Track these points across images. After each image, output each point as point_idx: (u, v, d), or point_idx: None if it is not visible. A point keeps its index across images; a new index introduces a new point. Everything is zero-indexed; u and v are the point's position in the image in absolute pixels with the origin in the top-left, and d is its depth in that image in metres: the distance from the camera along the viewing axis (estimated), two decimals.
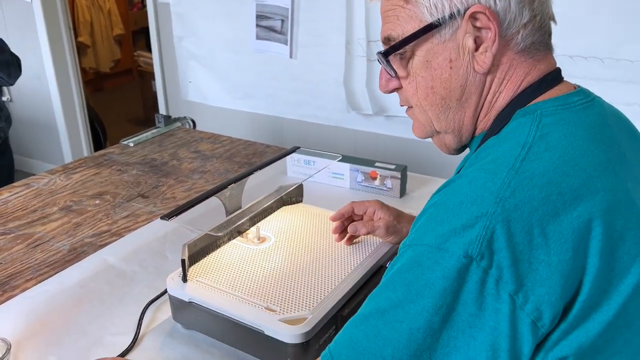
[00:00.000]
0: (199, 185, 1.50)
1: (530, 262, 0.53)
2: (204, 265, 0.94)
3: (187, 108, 2.71)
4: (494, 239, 0.52)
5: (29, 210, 1.36)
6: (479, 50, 0.64)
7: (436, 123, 0.71)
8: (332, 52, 2.12)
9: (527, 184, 0.55)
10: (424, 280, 0.55)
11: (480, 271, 0.52)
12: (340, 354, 0.59)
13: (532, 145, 0.58)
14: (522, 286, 0.52)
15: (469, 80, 0.66)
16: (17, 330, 0.93)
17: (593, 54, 1.67)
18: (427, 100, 0.69)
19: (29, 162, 3.60)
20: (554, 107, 0.63)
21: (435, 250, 0.55)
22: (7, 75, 1.87)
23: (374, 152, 2.23)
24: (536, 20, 0.64)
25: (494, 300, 0.53)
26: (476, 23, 0.63)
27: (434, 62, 0.66)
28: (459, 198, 0.57)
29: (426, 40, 0.65)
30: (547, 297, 0.53)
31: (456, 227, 0.54)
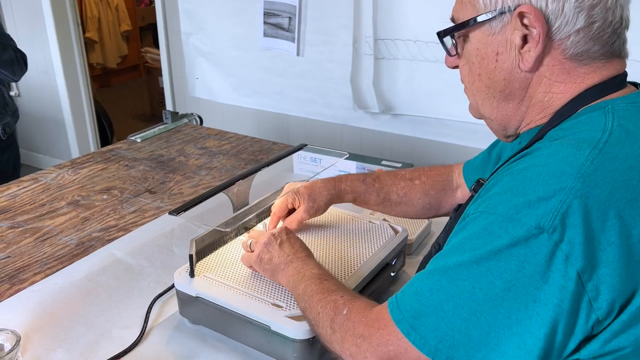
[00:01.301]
0: (206, 182, 1.50)
1: (600, 242, 0.53)
2: (211, 261, 0.95)
3: (194, 104, 2.72)
4: (569, 213, 0.53)
5: (37, 204, 1.37)
6: (525, 49, 0.64)
7: (481, 108, 0.74)
8: (339, 50, 2.12)
9: (610, 165, 0.55)
10: (492, 246, 0.55)
11: (552, 244, 0.53)
12: (405, 303, 0.62)
13: (613, 131, 0.59)
14: (589, 264, 0.53)
15: (512, 76, 0.67)
16: (25, 322, 0.94)
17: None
18: (474, 86, 0.72)
19: (36, 156, 3.62)
20: (625, 104, 0.63)
21: (507, 221, 0.55)
22: (11, 73, 1.88)
23: (380, 151, 2.23)
24: (593, 27, 0.62)
25: (560, 276, 0.53)
26: (524, 21, 0.63)
27: (483, 51, 0.68)
28: (538, 170, 0.57)
29: (478, 28, 0.67)
30: (608, 279, 0.53)
31: (531, 199, 0.55)
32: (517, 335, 0.55)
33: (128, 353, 0.88)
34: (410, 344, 0.59)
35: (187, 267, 0.91)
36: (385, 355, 0.62)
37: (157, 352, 0.89)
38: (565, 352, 0.56)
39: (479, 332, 0.56)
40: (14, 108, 2.01)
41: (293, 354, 0.81)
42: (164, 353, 0.88)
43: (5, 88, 1.97)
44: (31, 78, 3.28)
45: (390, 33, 1.97)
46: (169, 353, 0.88)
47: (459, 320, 0.56)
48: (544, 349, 0.54)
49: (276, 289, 0.88)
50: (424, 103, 2.00)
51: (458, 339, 0.57)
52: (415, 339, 0.59)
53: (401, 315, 0.61)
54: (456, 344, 0.57)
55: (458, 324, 0.56)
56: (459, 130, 1.97)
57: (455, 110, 1.89)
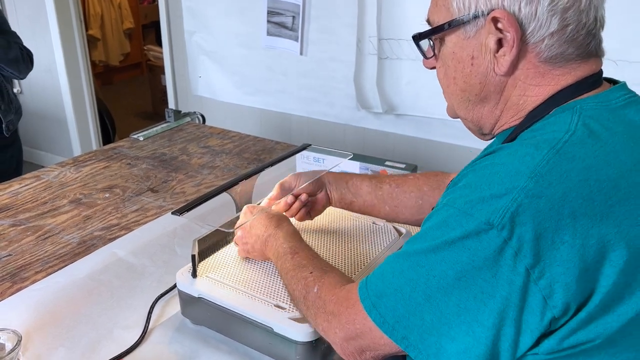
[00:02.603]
0: (209, 181, 1.50)
1: (554, 241, 0.54)
2: (213, 261, 0.94)
3: (197, 103, 2.71)
4: (519, 212, 0.54)
5: (39, 202, 1.37)
6: (499, 53, 0.64)
7: (457, 110, 0.74)
8: (342, 49, 2.12)
9: (566, 165, 0.56)
10: (446, 237, 0.58)
11: (500, 240, 0.54)
12: (372, 283, 0.66)
13: (576, 131, 0.59)
14: (539, 262, 0.54)
15: (488, 79, 0.67)
16: (26, 321, 0.94)
17: (606, 56, 1.65)
18: (450, 89, 0.72)
19: (38, 154, 3.62)
20: (594, 104, 0.63)
21: (462, 214, 0.58)
22: (16, 71, 1.88)
23: (383, 151, 2.22)
24: (567, 30, 0.62)
25: (509, 271, 0.55)
26: (498, 25, 0.63)
27: (459, 54, 0.68)
28: (497, 168, 0.59)
29: (453, 32, 0.67)
30: (562, 277, 0.54)
31: (485, 196, 0.57)
32: (466, 324, 0.57)
33: (130, 353, 0.88)
34: (373, 322, 0.63)
35: (190, 268, 0.91)
36: (353, 333, 0.67)
37: (159, 352, 0.88)
38: (522, 347, 0.57)
39: (431, 317, 0.59)
40: (17, 105, 2.01)
41: (296, 356, 0.81)
42: (165, 353, 0.88)
43: (9, 85, 1.96)
44: (34, 75, 3.26)
45: (394, 33, 1.97)
46: (170, 354, 0.88)
47: (414, 303, 0.60)
48: (492, 339, 0.57)
49: (279, 290, 0.87)
50: (428, 103, 1.99)
51: (413, 321, 0.60)
52: (376, 317, 0.63)
53: (366, 294, 0.65)
54: (411, 326, 0.60)
55: (413, 307, 0.60)
56: (462, 131, 1.94)
57: None
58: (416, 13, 1.90)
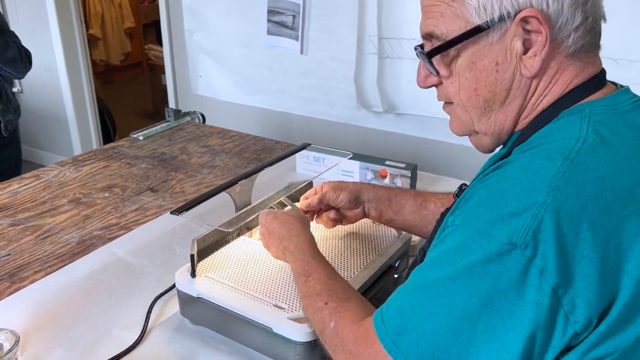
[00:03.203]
0: (208, 180, 1.50)
1: (574, 255, 0.52)
2: (212, 261, 0.94)
3: (197, 102, 2.71)
4: (541, 229, 0.52)
5: (38, 201, 1.36)
6: (528, 54, 0.62)
7: (477, 124, 0.69)
8: (343, 48, 2.11)
9: (582, 176, 0.54)
10: (467, 262, 0.55)
11: (525, 259, 0.52)
12: (389, 318, 0.61)
13: (587, 139, 0.57)
14: (564, 279, 0.52)
15: (514, 84, 0.64)
16: (25, 321, 0.94)
17: (607, 55, 1.65)
18: (470, 102, 0.67)
19: (38, 153, 3.62)
20: (602, 107, 0.62)
21: (481, 236, 0.55)
22: (14, 71, 1.87)
23: (384, 150, 2.22)
24: (588, 22, 0.61)
25: (535, 292, 0.53)
26: (527, 26, 0.60)
27: (480, 64, 0.64)
28: (510, 183, 0.56)
29: (472, 41, 0.63)
30: (584, 292, 0.53)
31: (504, 214, 0.54)
32: (495, 351, 0.54)
33: (128, 353, 0.87)
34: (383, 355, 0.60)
35: (189, 267, 0.90)
36: None
37: (158, 352, 0.88)
38: None
39: (457, 349, 0.55)
40: (16, 105, 2.01)
41: (295, 356, 0.80)
42: (164, 353, 0.88)
43: (8, 85, 1.96)
44: (34, 75, 3.26)
45: (394, 32, 1.96)
46: (169, 353, 0.87)
47: (438, 337, 0.56)
48: None
49: (278, 290, 0.87)
50: (428, 103, 1.98)
51: (438, 355, 0.56)
52: (397, 355, 0.59)
53: (385, 331, 0.61)
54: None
55: (437, 341, 0.56)
56: None
57: None
58: (417, 12, 1.89)
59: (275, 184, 1.13)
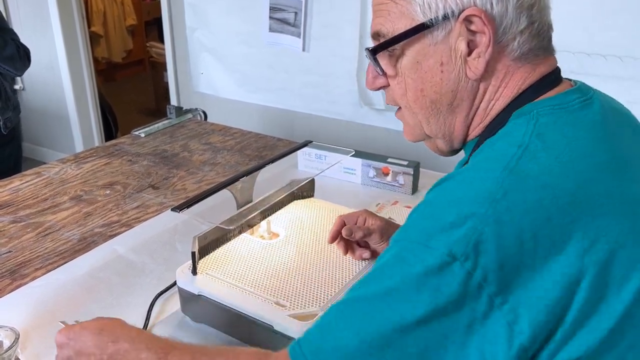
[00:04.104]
0: (210, 178, 1.49)
1: (517, 266, 0.50)
2: (214, 258, 0.94)
3: (198, 99, 2.71)
4: (482, 240, 0.50)
5: (39, 198, 1.36)
6: (472, 56, 0.61)
7: (426, 127, 0.69)
8: (345, 45, 2.11)
9: (521, 186, 0.52)
10: (404, 276, 0.52)
11: (464, 272, 0.50)
12: (308, 338, 0.57)
13: (529, 145, 0.56)
14: (504, 289, 0.50)
15: (460, 86, 0.63)
16: (26, 319, 0.93)
17: (612, 52, 1.64)
18: (417, 103, 0.67)
19: (40, 150, 3.62)
20: (551, 107, 0.60)
21: (420, 247, 0.52)
22: (13, 68, 1.87)
23: (386, 148, 2.21)
24: (534, 27, 0.61)
25: (473, 300, 0.50)
26: (471, 26, 0.60)
27: (425, 63, 0.63)
28: (450, 196, 0.55)
29: (417, 40, 0.62)
30: (526, 300, 0.50)
31: (444, 225, 0.52)
32: None
33: None
34: None
35: (190, 265, 0.90)
36: None
37: None
38: None
39: None
40: (15, 103, 2.00)
41: None
42: None
43: (7, 83, 1.96)
44: (36, 72, 3.28)
45: None
46: None
47: (365, 355, 0.52)
48: None
49: (280, 287, 0.86)
50: None
51: None
52: None
53: (299, 352, 0.56)
54: None
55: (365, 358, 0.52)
56: None
57: None
58: None
59: (277, 181, 1.13)
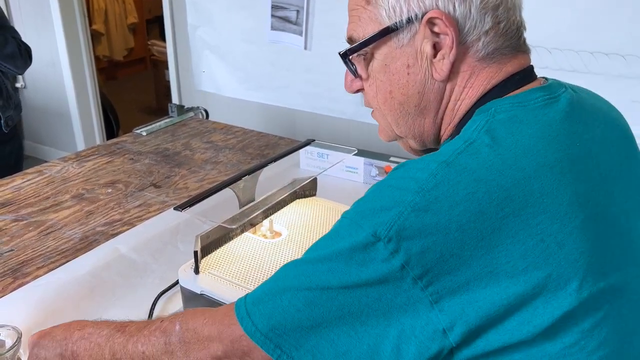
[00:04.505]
0: (212, 176, 1.49)
1: (442, 253, 0.52)
2: (216, 258, 0.93)
3: (200, 98, 2.70)
4: (406, 226, 0.52)
5: (41, 197, 1.36)
6: (437, 57, 0.62)
7: (395, 128, 0.71)
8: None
9: (454, 178, 0.53)
10: (335, 248, 0.56)
11: (387, 252, 0.53)
12: (252, 294, 0.61)
13: (475, 141, 0.57)
14: (427, 272, 0.52)
15: (427, 87, 0.65)
16: (28, 318, 0.93)
17: (614, 51, 1.63)
18: (386, 105, 0.69)
19: (41, 148, 3.62)
20: (510, 105, 0.61)
21: (353, 225, 0.56)
22: (14, 66, 1.87)
23: (387, 147, 2.20)
24: (500, 27, 0.62)
25: (397, 280, 0.53)
26: (434, 28, 0.61)
27: (392, 66, 0.65)
28: (390, 182, 0.58)
29: (384, 43, 0.64)
30: (449, 285, 0.52)
31: (375, 207, 0.55)
32: (349, 325, 0.55)
33: None
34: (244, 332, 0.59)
35: (192, 264, 0.90)
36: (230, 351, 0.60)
37: None
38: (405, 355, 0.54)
39: (311, 324, 0.56)
40: (17, 101, 2.00)
41: None
42: None
43: (8, 81, 1.95)
44: (37, 70, 3.27)
45: None
46: None
47: (294, 310, 0.57)
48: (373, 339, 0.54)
49: None
50: None
51: (291, 329, 0.57)
52: (248, 325, 0.58)
53: (243, 304, 0.60)
54: (287, 333, 0.57)
55: (292, 314, 0.57)
56: None
57: None
58: None
59: (279, 180, 1.13)
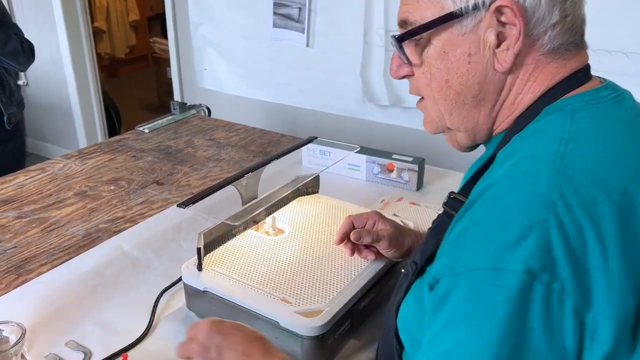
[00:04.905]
0: (214, 174, 1.49)
1: (587, 269, 0.48)
2: (219, 255, 0.94)
3: (202, 95, 2.70)
4: (551, 248, 0.47)
5: (44, 194, 1.36)
6: (501, 48, 0.60)
7: (448, 119, 0.67)
8: (349, 41, 2.10)
9: (573, 184, 0.50)
10: (485, 309, 0.48)
11: (543, 287, 0.47)
12: None
13: (570, 141, 0.55)
14: (583, 296, 0.47)
15: (487, 78, 0.62)
16: (31, 315, 0.93)
17: (617, 49, 1.63)
18: (441, 94, 0.65)
19: (44, 146, 3.62)
20: (584, 102, 0.59)
21: (493, 273, 0.48)
22: (16, 63, 1.87)
23: (390, 144, 2.20)
24: (566, 21, 0.60)
25: (559, 317, 0.47)
26: (501, 17, 0.59)
27: (452, 54, 0.62)
28: (503, 209, 0.51)
29: (445, 29, 0.61)
30: (604, 307, 0.47)
31: (509, 242, 0.49)
32: None
33: (134, 347, 0.87)
34: None
35: (195, 261, 0.90)
36: None
37: (164, 345, 0.87)
38: None
39: None
40: (19, 98, 2.00)
41: (302, 350, 0.80)
42: (170, 346, 0.87)
43: (11, 78, 1.95)
44: (39, 67, 3.27)
45: None
46: (175, 347, 0.87)
47: None
48: None
49: (286, 284, 0.86)
50: None
51: None
52: None
53: None
54: None
55: None
56: None
57: None
58: None
59: (281, 177, 1.13)
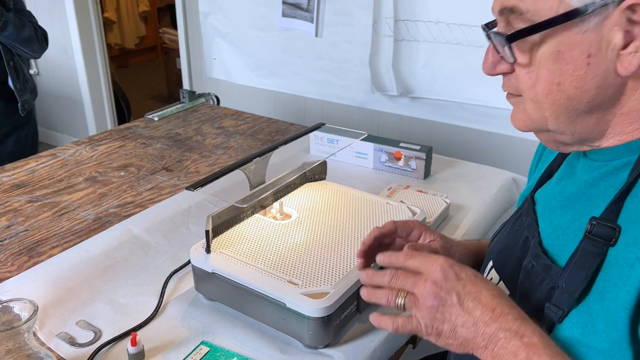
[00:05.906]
0: (222, 161, 1.50)
1: None
2: (227, 238, 0.95)
3: (211, 85, 2.71)
4: None
5: (55, 179, 1.38)
6: (627, 49, 0.52)
7: (552, 123, 0.59)
8: (358, 31, 2.10)
9: None
10: None
11: None
12: None
13: None
14: None
15: (607, 82, 0.55)
16: (43, 295, 0.95)
17: None
18: (549, 98, 0.57)
19: (54, 135, 3.65)
20: None
21: None
22: (30, 50, 1.89)
23: (398, 134, 2.21)
24: None
25: None
26: (633, 16, 0.51)
27: (568, 54, 0.54)
28: None
29: (564, 26, 0.53)
30: None
31: None
32: None
33: (143, 327, 0.88)
34: None
35: (204, 243, 0.91)
36: None
37: (172, 326, 0.89)
38: None
39: None
40: (32, 85, 2.02)
41: (308, 331, 0.81)
42: (178, 327, 0.89)
43: (25, 65, 1.98)
44: (50, 57, 3.30)
45: (410, 14, 1.94)
46: (183, 328, 0.88)
47: None
48: None
49: (292, 266, 0.87)
50: (444, 86, 1.97)
51: None
52: None
53: None
54: None
55: None
56: (479, 115, 1.94)
57: (475, 94, 1.86)
58: None
59: (288, 164, 1.14)
